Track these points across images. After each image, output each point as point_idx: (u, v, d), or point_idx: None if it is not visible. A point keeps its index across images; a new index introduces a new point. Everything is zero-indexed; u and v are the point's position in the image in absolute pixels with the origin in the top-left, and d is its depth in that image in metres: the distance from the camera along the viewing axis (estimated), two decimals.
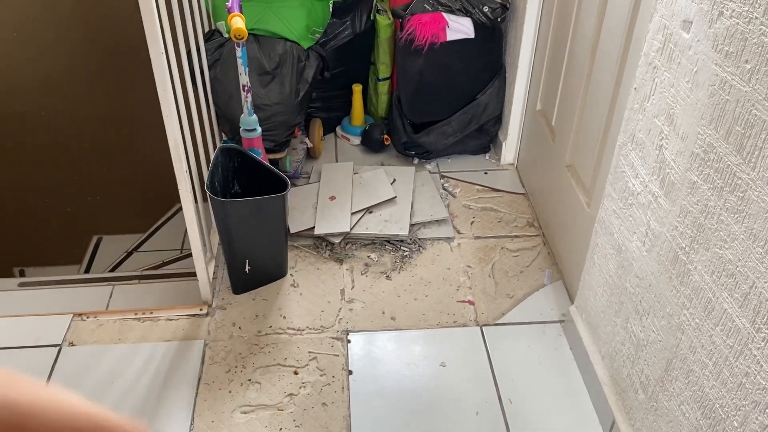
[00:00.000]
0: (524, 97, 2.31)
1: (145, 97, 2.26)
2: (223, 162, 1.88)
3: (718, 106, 1.05)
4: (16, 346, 1.76)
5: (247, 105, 1.91)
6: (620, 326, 1.45)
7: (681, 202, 1.17)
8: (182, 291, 1.97)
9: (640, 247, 1.33)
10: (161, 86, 1.48)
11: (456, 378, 1.68)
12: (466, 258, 2.04)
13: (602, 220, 1.53)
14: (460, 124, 2.37)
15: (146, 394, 1.63)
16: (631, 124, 1.36)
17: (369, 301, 1.89)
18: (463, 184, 2.36)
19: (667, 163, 1.22)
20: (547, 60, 2.08)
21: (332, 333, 1.79)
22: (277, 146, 2.18)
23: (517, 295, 1.91)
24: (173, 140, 1.57)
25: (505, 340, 1.78)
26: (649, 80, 1.28)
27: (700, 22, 1.09)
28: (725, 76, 1.03)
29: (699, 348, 1.13)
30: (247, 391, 1.63)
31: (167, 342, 1.77)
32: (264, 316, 1.84)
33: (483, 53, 2.29)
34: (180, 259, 3.00)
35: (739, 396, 1.02)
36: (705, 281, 1.10)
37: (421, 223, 2.15)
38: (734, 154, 1.01)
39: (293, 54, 2.11)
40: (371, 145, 2.52)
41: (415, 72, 2.27)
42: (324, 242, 2.08)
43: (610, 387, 1.53)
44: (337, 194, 2.21)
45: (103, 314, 1.86)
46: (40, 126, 3.07)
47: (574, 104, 1.83)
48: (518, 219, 2.20)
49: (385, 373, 1.69)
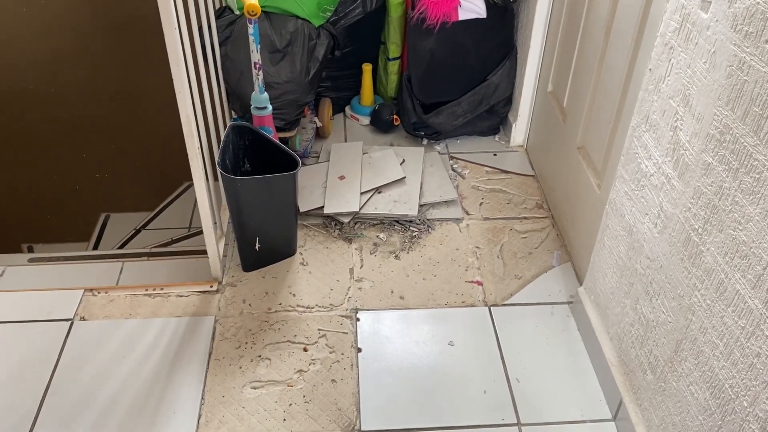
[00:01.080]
0: (535, 78, 2.29)
1: (154, 74, 2.26)
2: (234, 140, 1.88)
3: (736, 87, 1.04)
4: (29, 320, 1.77)
5: (258, 82, 1.91)
6: (629, 307, 1.46)
7: (695, 184, 1.17)
8: (192, 268, 1.98)
9: (652, 228, 1.34)
10: (174, 62, 1.48)
11: (464, 357, 1.69)
12: (475, 239, 2.04)
13: (613, 202, 1.53)
14: (471, 104, 2.36)
15: (157, 368, 1.65)
16: (646, 105, 1.36)
17: (378, 280, 1.90)
18: (473, 166, 2.36)
19: (682, 145, 1.21)
20: (559, 40, 2.07)
21: (341, 311, 1.80)
22: (286, 125, 2.18)
23: (525, 276, 1.92)
24: (185, 116, 1.57)
25: (513, 321, 1.78)
26: (665, 61, 1.27)
27: (719, 2, 1.09)
28: (744, 56, 1.02)
29: (710, 329, 1.13)
30: (257, 367, 1.65)
31: (178, 318, 1.78)
32: (274, 294, 1.85)
33: (495, 33, 2.28)
34: (188, 237, 3.02)
35: (750, 376, 1.03)
36: (717, 262, 1.10)
37: (430, 204, 2.15)
38: (751, 135, 1.00)
39: (304, 32, 2.10)
40: (380, 126, 2.52)
41: (425, 52, 2.26)
42: (333, 221, 2.09)
43: (618, 368, 1.54)
44: (347, 174, 2.21)
45: (113, 290, 1.87)
46: (49, 102, 3.07)
47: (586, 85, 1.83)
48: (527, 201, 2.20)
49: (393, 351, 1.70)
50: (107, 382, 1.61)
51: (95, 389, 1.60)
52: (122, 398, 1.58)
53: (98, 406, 1.56)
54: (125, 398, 1.58)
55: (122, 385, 1.61)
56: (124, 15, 2.85)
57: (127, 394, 1.59)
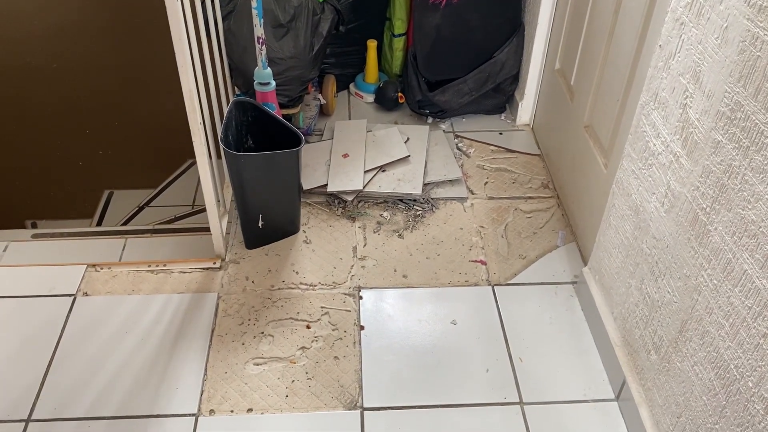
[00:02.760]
0: (543, 55, 2.26)
1: (157, 49, 2.23)
2: (237, 116, 1.86)
3: (749, 63, 1.02)
4: (31, 295, 1.77)
5: (261, 58, 1.88)
6: (634, 287, 1.45)
7: (704, 162, 1.15)
8: (195, 245, 1.97)
9: (659, 207, 1.32)
10: (176, 35, 1.46)
11: (467, 336, 1.68)
12: (479, 218, 2.03)
13: (620, 181, 1.51)
14: (477, 82, 2.33)
15: (160, 344, 1.65)
16: (655, 82, 1.33)
17: (381, 258, 1.89)
18: (478, 144, 2.34)
19: (691, 123, 1.19)
20: (567, 17, 2.04)
21: (344, 289, 1.80)
22: (290, 102, 2.16)
23: (529, 256, 1.91)
24: (188, 92, 1.55)
25: (517, 300, 1.78)
26: (676, 37, 1.25)
27: None
28: (757, 31, 1.00)
29: (716, 309, 1.12)
30: (260, 344, 1.65)
31: (181, 294, 1.78)
32: (277, 271, 1.84)
33: (502, 10, 2.24)
34: (192, 214, 3.00)
35: (756, 357, 1.02)
36: (725, 242, 1.09)
37: (434, 183, 2.14)
38: (763, 113, 0.98)
39: (308, 6, 2.07)
40: (385, 103, 2.49)
41: (431, 28, 2.23)
42: (337, 200, 2.08)
43: (622, 348, 1.54)
44: (350, 152, 2.19)
45: (116, 265, 1.87)
46: (52, 78, 3.05)
47: (594, 63, 1.80)
48: (533, 180, 2.18)
49: (396, 329, 1.70)
50: (110, 358, 1.62)
51: (97, 365, 1.60)
52: (124, 374, 1.58)
53: (100, 382, 1.57)
54: (127, 374, 1.58)
55: (124, 360, 1.61)
56: None
57: (129, 369, 1.59)
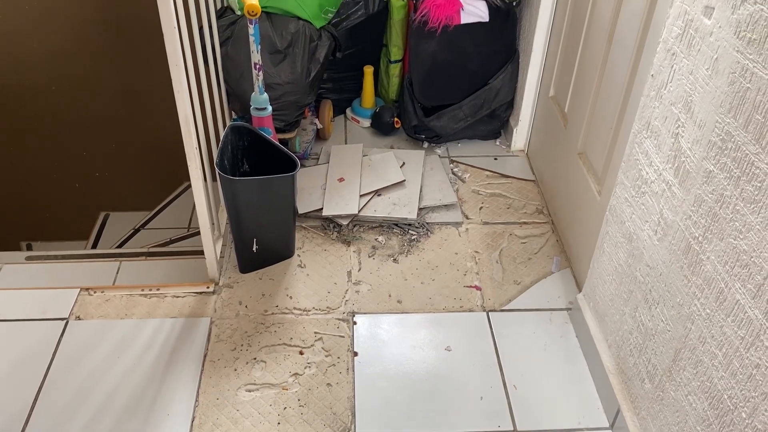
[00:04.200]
0: (537, 82, 2.28)
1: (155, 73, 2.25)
2: (233, 140, 1.87)
3: (738, 94, 1.03)
4: (23, 318, 1.76)
5: (258, 83, 1.90)
6: (628, 315, 1.45)
7: (696, 191, 1.16)
8: (189, 269, 1.97)
9: (652, 236, 1.32)
10: (173, 61, 1.47)
11: (461, 362, 1.67)
12: (474, 243, 2.03)
13: (614, 209, 1.51)
14: (472, 108, 2.35)
15: (151, 369, 1.64)
16: (647, 111, 1.35)
17: (375, 283, 1.89)
18: (473, 170, 2.35)
19: (683, 152, 1.20)
20: (561, 45, 2.06)
21: (338, 314, 1.79)
22: (287, 126, 2.17)
23: (524, 281, 1.91)
24: (184, 116, 1.56)
25: (511, 326, 1.77)
26: (667, 67, 1.26)
27: (722, 8, 1.07)
28: (747, 63, 1.01)
29: (709, 338, 1.12)
30: (253, 370, 1.64)
31: (173, 318, 1.77)
32: (270, 296, 1.84)
33: (497, 37, 2.27)
34: (187, 237, 3.00)
35: (749, 387, 1.02)
36: (718, 271, 1.09)
37: (429, 207, 2.14)
38: (753, 143, 0.99)
39: (305, 33, 2.09)
40: (381, 128, 2.51)
41: (427, 55, 2.25)
42: (332, 224, 2.08)
43: (616, 376, 1.53)
44: (346, 176, 2.20)
45: (110, 289, 1.86)
46: (50, 100, 3.07)
47: (588, 91, 1.81)
48: (527, 205, 2.19)
49: (390, 355, 1.69)
50: (101, 383, 1.60)
51: (88, 390, 1.59)
52: (116, 399, 1.57)
53: (91, 407, 1.55)
54: (119, 399, 1.57)
55: (116, 386, 1.60)
56: (126, 13, 2.85)
57: (120, 395, 1.58)
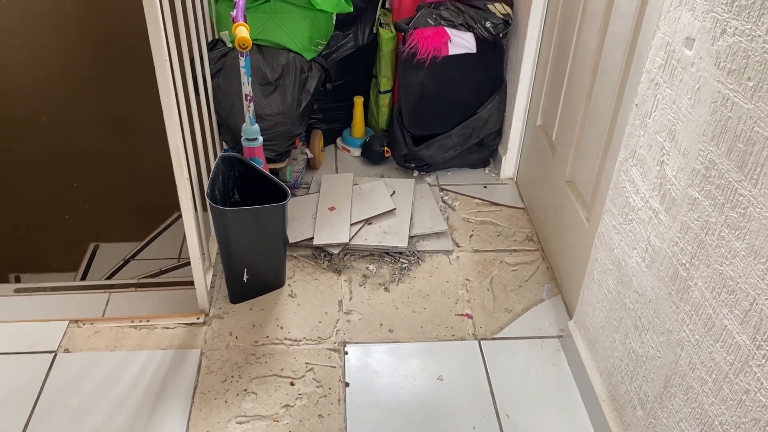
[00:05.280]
0: (525, 111, 2.32)
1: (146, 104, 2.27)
2: (224, 170, 1.88)
3: (720, 123, 1.05)
4: (10, 352, 1.74)
5: (249, 114, 1.91)
6: (619, 342, 1.45)
7: (682, 218, 1.17)
8: (179, 299, 1.96)
9: (640, 262, 1.33)
10: (164, 93, 1.48)
11: (453, 392, 1.67)
12: (465, 271, 2.04)
13: (602, 236, 1.53)
14: (461, 137, 2.38)
15: (141, 402, 1.62)
16: (632, 140, 1.37)
17: (367, 312, 1.88)
18: (463, 198, 2.37)
19: (668, 179, 1.22)
20: (548, 75, 2.10)
21: (329, 344, 1.78)
22: (277, 156, 2.18)
23: (515, 309, 1.91)
24: (174, 147, 1.57)
25: (503, 355, 1.77)
26: (651, 96, 1.29)
27: (702, 40, 1.10)
28: (727, 93, 1.03)
29: (699, 365, 1.13)
30: (243, 402, 1.62)
31: (163, 350, 1.75)
32: (261, 326, 1.83)
33: (484, 68, 2.30)
34: (177, 267, 2.99)
35: (739, 413, 1.02)
36: (705, 297, 1.10)
37: (420, 236, 2.15)
38: (736, 171, 1.01)
39: (296, 65, 2.12)
40: (371, 157, 2.53)
41: (416, 85, 2.28)
42: (323, 253, 2.08)
43: (608, 403, 1.53)
44: (337, 205, 2.21)
45: (99, 321, 1.84)
46: (40, 131, 3.07)
47: (574, 120, 1.84)
48: (517, 233, 2.20)
49: (381, 385, 1.68)
50: (89, 417, 1.58)
51: (77, 424, 1.56)
52: None
53: None
54: None
55: (105, 420, 1.58)
56: (117, 45, 2.87)
57: (109, 429, 1.55)
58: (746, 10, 0.98)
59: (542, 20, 2.12)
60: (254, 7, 2.09)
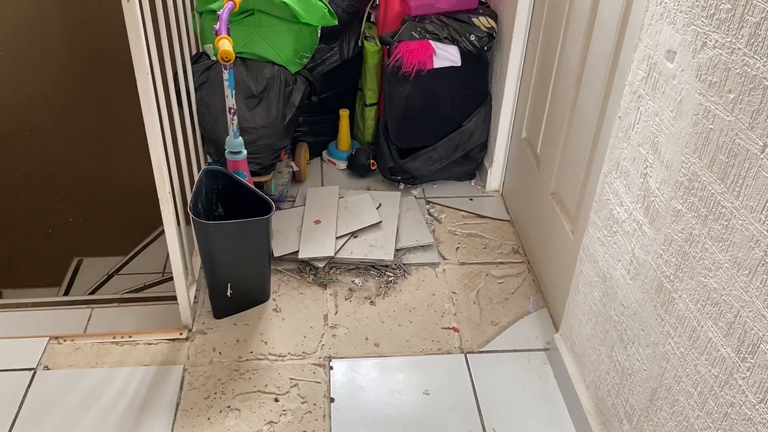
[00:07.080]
0: (510, 124, 2.32)
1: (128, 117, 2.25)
2: (207, 184, 1.86)
3: (702, 135, 1.06)
4: None
5: (232, 127, 1.90)
6: (605, 355, 1.44)
7: (665, 230, 1.17)
8: (162, 315, 1.93)
9: (625, 275, 1.33)
10: (146, 107, 1.47)
11: (440, 406, 1.65)
12: (451, 284, 2.03)
13: (587, 248, 1.53)
14: (446, 150, 2.38)
15: (122, 420, 1.59)
16: (616, 152, 1.37)
17: (352, 326, 1.87)
18: (449, 210, 2.36)
19: (652, 192, 1.22)
20: (532, 88, 2.10)
21: (314, 359, 1.76)
22: (262, 169, 2.17)
23: (501, 322, 1.90)
24: (157, 161, 1.56)
25: (490, 368, 1.76)
26: (634, 109, 1.29)
27: (684, 53, 1.11)
28: (709, 105, 1.04)
29: (684, 377, 1.12)
30: (227, 419, 1.60)
31: (145, 367, 1.73)
32: (245, 342, 1.81)
33: (469, 81, 2.31)
34: (161, 282, 2.96)
35: (725, 426, 1.01)
36: (690, 310, 1.10)
37: (406, 249, 2.14)
38: (718, 183, 1.01)
39: (281, 78, 2.11)
40: (357, 170, 2.52)
41: (402, 98, 2.28)
42: (308, 266, 2.06)
43: (595, 417, 1.52)
44: (322, 218, 2.20)
45: (80, 337, 1.81)
46: (23, 146, 3.04)
47: (559, 132, 1.85)
48: (503, 245, 2.19)
49: (367, 400, 1.66)
50: None
51: None
52: None
53: None
54: None
55: None
56: (101, 60, 2.86)
57: None
58: (726, 23, 0.98)
59: (526, 33, 2.14)
60: (239, 20, 2.09)
